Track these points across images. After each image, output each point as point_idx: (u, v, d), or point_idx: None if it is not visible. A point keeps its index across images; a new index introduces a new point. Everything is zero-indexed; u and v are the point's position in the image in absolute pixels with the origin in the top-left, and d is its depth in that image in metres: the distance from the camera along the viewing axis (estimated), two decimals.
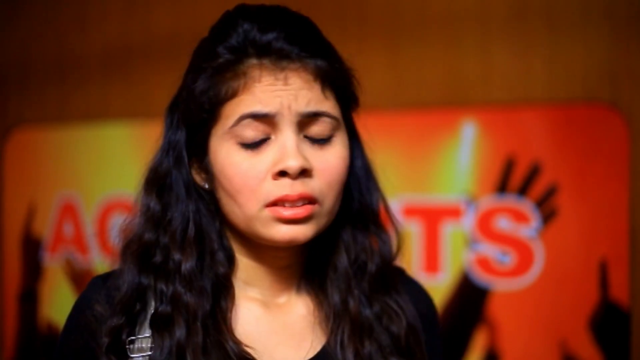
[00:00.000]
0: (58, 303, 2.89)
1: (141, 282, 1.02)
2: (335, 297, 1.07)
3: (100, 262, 2.80)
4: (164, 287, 1.02)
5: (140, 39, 2.76)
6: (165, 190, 1.07)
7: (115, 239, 1.09)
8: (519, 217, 2.24)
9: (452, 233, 2.30)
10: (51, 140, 2.91)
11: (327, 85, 0.99)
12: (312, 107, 0.98)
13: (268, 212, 0.97)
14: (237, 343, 1.00)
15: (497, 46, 2.30)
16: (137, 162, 2.68)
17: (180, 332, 0.99)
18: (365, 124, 1.14)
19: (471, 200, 2.29)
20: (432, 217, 2.31)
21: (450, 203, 2.30)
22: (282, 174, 0.97)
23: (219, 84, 0.99)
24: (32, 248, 2.93)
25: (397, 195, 2.27)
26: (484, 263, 2.28)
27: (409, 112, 2.35)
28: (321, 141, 1.00)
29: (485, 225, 2.27)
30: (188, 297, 1.00)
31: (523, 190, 2.24)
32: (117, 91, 2.79)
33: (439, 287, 2.26)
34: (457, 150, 2.30)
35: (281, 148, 0.97)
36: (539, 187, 2.23)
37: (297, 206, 0.97)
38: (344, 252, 1.09)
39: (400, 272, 1.18)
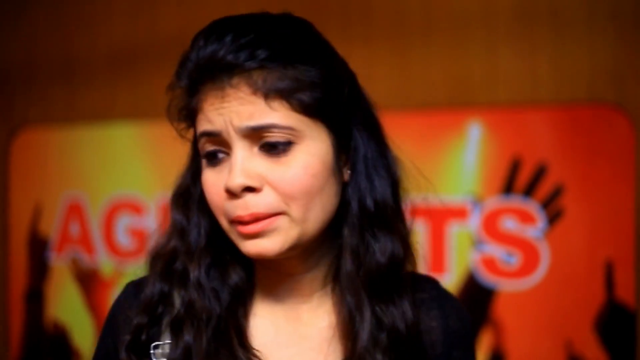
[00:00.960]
0: (64, 303, 2.89)
1: (163, 287, 1.05)
2: (348, 308, 1.04)
3: (106, 262, 2.81)
4: (182, 293, 1.04)
5: (146, 39, 2.76)
6: (187, 203, 1.10)
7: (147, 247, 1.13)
8: (525, 217, 2.24)
9: (458, 233, 2.30)
10: (57, 141, 2.91)
11: (273, 96, 0.95)
12: (255, 122, 0.95)
13: (234, 228, 0.98)
14: (247, 349, 1.01)
15: (503, 47, 2.30)
16: (143, 162, 2.68)
17: (188, 336, 1.01)
18: None
19: (477, 201, 2.29)
20: (438, 218, 2.31)
21: (456, 204, 2.30)
22: (231, 192, 0.96)
23: (187, 105, 1.02)
24: (38, 248, 2.94)
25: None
26: (489, 263, 2.28)
27: (415, 113, 2.35)
28: (276, 153, 0.96)
29: (491, 226, 2.27)
30: (199, 303, 1.02)
31: (529, 191, 2.24)
32: (123, 91, 2.80)
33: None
34: (463, 151, 2.30)
35: (230, 165, 0.97)
36: (545, 188, 2.23)
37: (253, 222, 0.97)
38: (350, 257, 1.05)
39: (432, 283, 1.15)
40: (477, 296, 2.27)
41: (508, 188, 2.26)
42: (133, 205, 2.74)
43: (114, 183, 2.81)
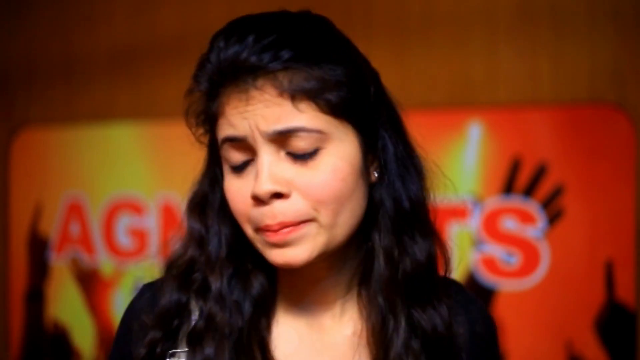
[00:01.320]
0: (64, 302, 2.89)
1: (180, 298, 1.02)
2: (381, 313, 1.01)
3: (106, 262, 2.81)
4: (202, 304, 1.01)
5: (146, 39, 2.76)
6: (205, 211, 1.05)
7: (162, 254, 1.09)
8: (525, 217, 2.24)
9: (458, 233, 2.30)
10: (58, 140, 2.91)
11: (300, 97, 0.91)
12: (282, 125, 0.91)
13: (261, 236, 0.95)
14: None
15: (503, 47, 2.30)
16: (143, 162, 2.69)
17: (209, 349, 0.98)
18: None
19: (477, 201, 2.29)
20: (438, 218, 2.30)
21: (457, 204, 2.30)
22: (258, 199, 0.93)
23: (207, 109, 0.98)
24: (38, 247, 2.94)
25: None
26: (489, 263, 2.28)
27: (415, 113, 2.34)
28: (304, 157, 0.93)
29: (491, 226, 2.27)
30: (220, 316, 0.99)
31: (529, 191, 2.24)
32: (124, 91, 2.79)
33: None
34: (463, 150, 2.30)
35: (256, 171, 0.93)
36: (545, 188, 2.23)
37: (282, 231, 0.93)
38: (384, 260, 1.01)
39: (457, 287, 1.11)
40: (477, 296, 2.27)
41: (508, 188, 2.26)
42: (133, 205, 2.74)
43: (114, 183, 2.81)
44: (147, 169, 2.70)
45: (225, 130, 0.94)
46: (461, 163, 2.29)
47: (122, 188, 2.78)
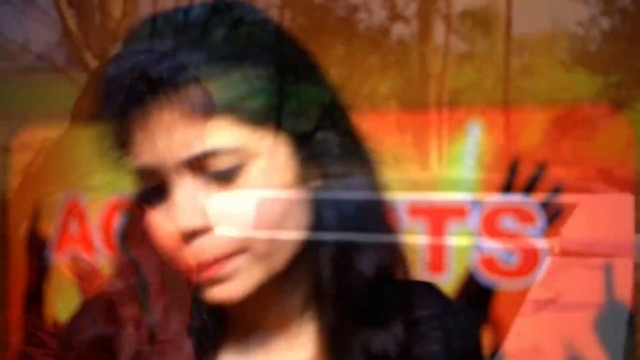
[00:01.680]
0: (63, 302, 2.89)
1: (106, 332, 0.95)
2: (329, 334, 0.93)
3: (106, 262, 2.80)
4: (132, 341, 0.93)
5: None
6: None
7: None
8: (524, 216, 2.24)
9: (457, 233, 2.30)
10: (57, 140, 2.91)
11: (213, 111, 0.80)
12: (195, 149, 0.82)
13: (194, 274, 0.88)
14: None
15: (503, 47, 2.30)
16: None
17: None
18: (367, 124, 1.03)
19: (476, 200, 2.28)
20: (437, 217, 2.30)
21: (455, 203, 2.30)
22: (181, 236, 0.85)
23: (118, 136, 0.89)
24: (37, 247, 2.94)
25: (401, 195, 2.26)
26: (489, 263, 2.27)
27: (414, 112, 2.34)
28: (225, 180, 0.83)
29: (490, 225, 2.26)
30: (150, 355, 0.91)
31: (528, 190, 2.23)
32: None
33: (443, 287, 2.25)
34: (463, 150, 2.29)
35: (173, 205, 0.84)
36: (544, 187, 2.23)
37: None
38: (329, 275, 0.92)
39: (433, 296, 1.03)
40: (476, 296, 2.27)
41: (507, 187, 2.25)
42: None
43: (114, 183, 2.80)
44: None
45: (135, 160, 0.87)
46: (460, 162, 2.29)
47: (121, 188, 2.77)
